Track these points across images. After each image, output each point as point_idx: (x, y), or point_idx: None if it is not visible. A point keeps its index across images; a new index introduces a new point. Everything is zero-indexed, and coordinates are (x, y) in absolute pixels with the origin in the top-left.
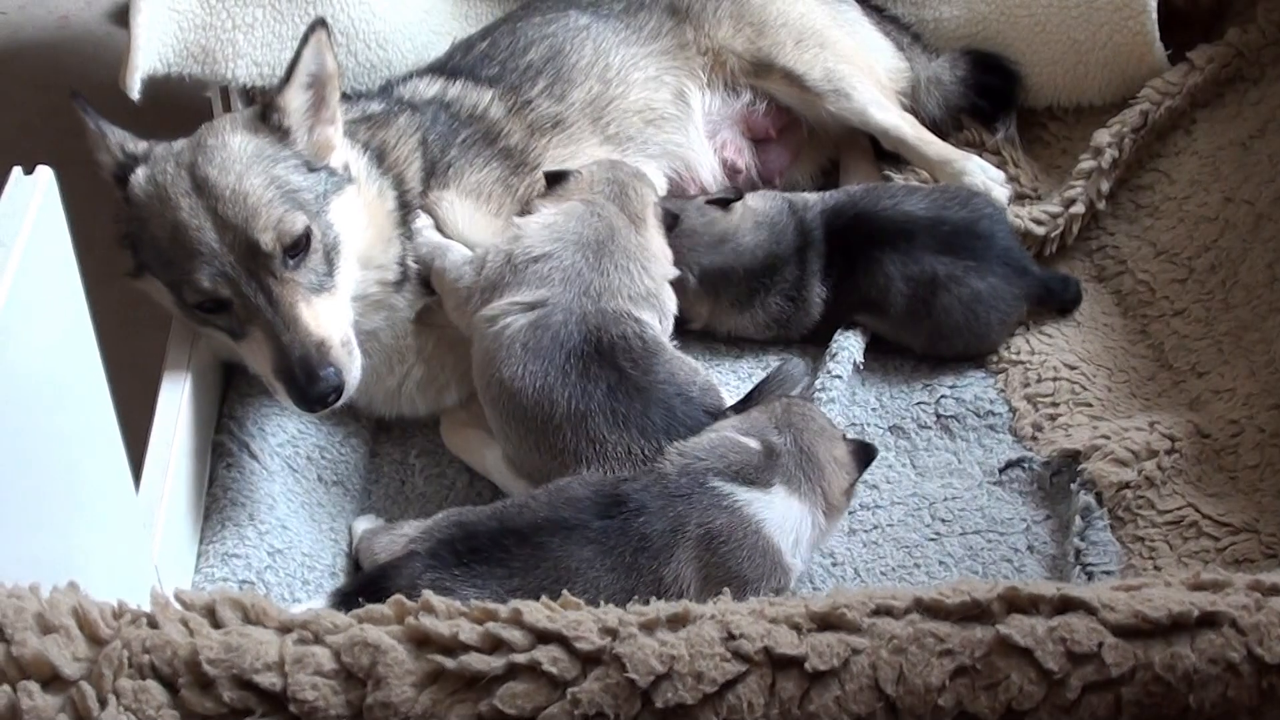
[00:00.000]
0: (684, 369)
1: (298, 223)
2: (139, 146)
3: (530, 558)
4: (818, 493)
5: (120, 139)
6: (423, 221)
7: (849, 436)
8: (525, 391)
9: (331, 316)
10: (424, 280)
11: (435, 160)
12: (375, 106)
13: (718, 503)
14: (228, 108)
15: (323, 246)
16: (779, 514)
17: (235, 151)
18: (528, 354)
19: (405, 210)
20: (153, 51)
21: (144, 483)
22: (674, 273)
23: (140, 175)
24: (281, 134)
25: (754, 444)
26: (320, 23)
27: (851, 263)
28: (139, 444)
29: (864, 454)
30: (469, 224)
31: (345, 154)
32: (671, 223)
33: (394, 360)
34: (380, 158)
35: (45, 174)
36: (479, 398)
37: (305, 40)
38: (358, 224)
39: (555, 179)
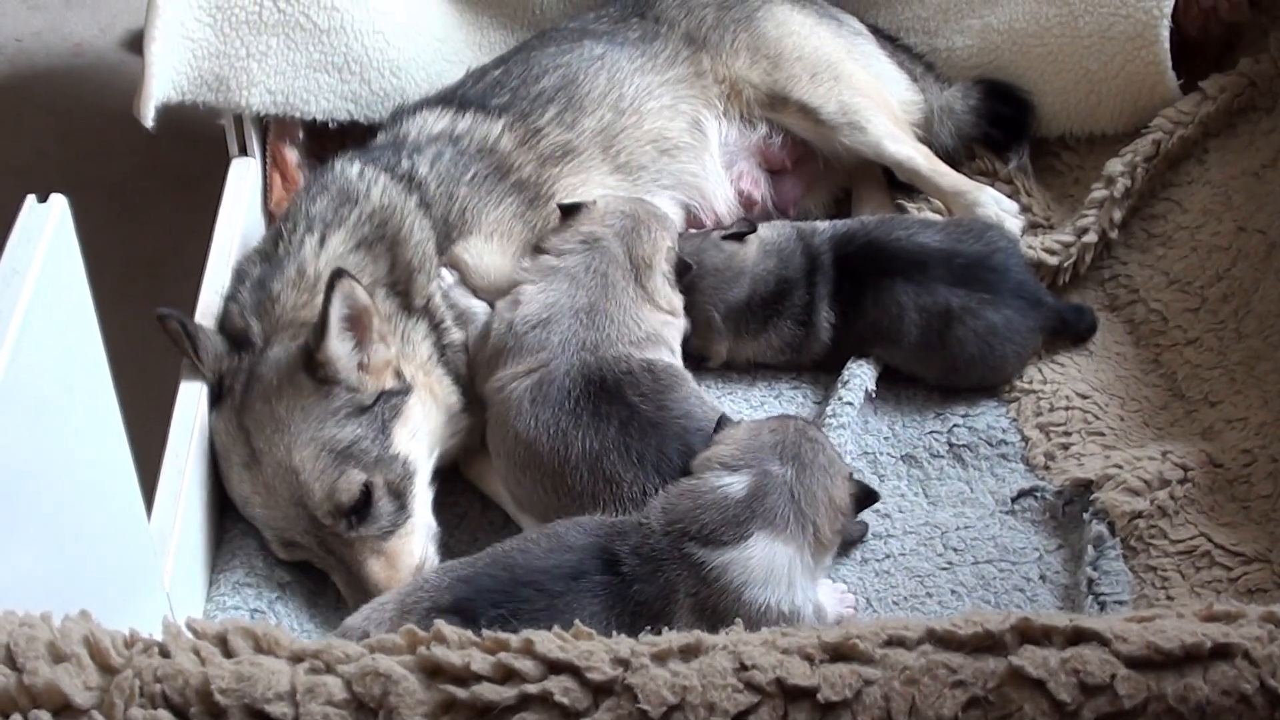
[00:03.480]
0: (702, 406)
1: (354, 485)
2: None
3: (551, 608)
4: (808, 530)
5: (213, 371)
6: (449, 280)
7: (855, 477)
8: (540, 440)
9: (404, 559)
10: None
11: (447, 216)
12: (376, 200)
13: (696, 573)
14: (241, 135)
15: (387, 487)
16: (761, 568)
17: (282, 419)
18: (537, 406)
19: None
20: (167, 79)
21: (156, 510)
22: (673, 321)
23: (214, 422)
24: (329, 385)
25: (738, 484)
26: (339, 273)
27: (860, 289)
28: (152, 471)
29: (864, 498)
30: (499, 270)
31: (395, 352)
32: (684, 271)
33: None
34: (408, 289)
35: (59, 202)
36: (493, 457)
37: (330, 292)
38: (426, 425)
39: (570, 211)
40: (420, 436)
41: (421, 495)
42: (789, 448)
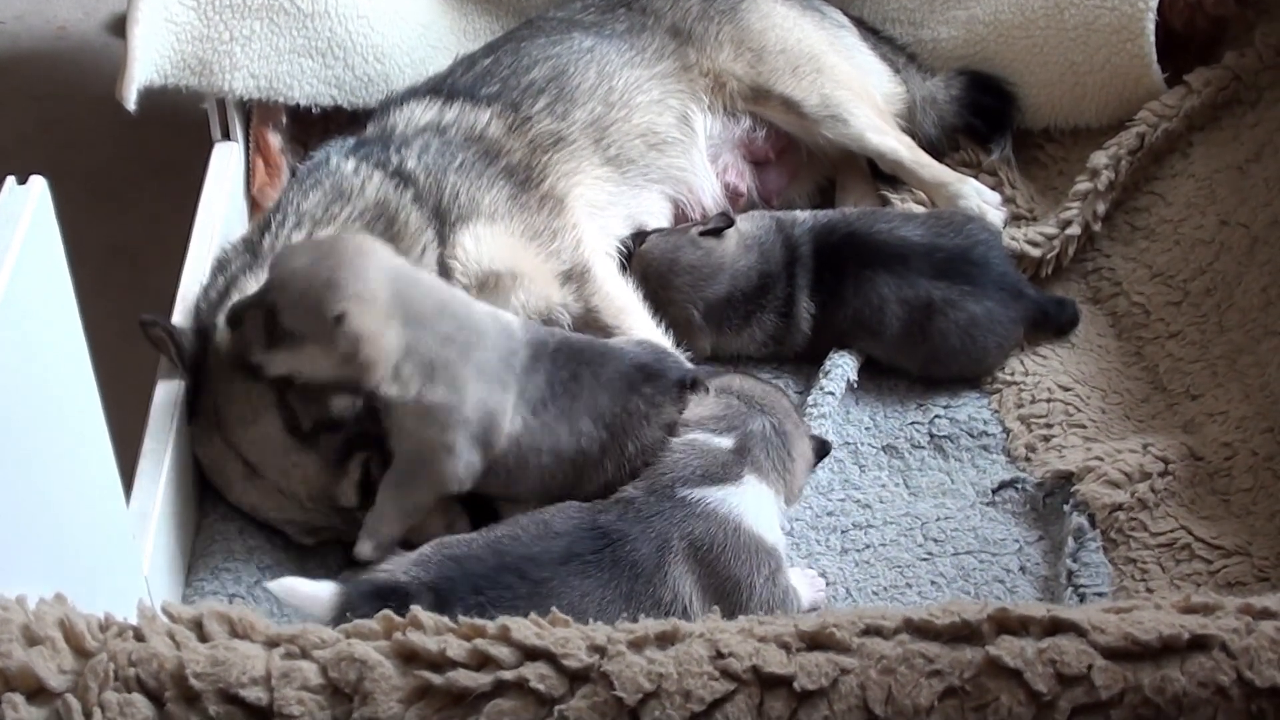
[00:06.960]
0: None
1: (358, 466)
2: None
3: (534, 595)
4: (783, 482)
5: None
6: None
7: (812, 434)
8: (553, 435)
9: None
10: None
11: (439, 206)
12: (370, 197)
13: (692, 511)
14: (224, 119)
15: (383, 460)
16: (754, 503)
17: (263, 427)
18: (538, 415)
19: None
20: (150, 63)
21: (135, 495)
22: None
23: (198, 439)
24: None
25: (726, 443)
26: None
27: (841, 280)
28: (131, 456)
29: (820, 450)
30: (498, 254)
31: None
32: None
33: None
34: None
35: (38, 184)
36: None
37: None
38: None
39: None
40: None
41: None
42: (761, 401)
